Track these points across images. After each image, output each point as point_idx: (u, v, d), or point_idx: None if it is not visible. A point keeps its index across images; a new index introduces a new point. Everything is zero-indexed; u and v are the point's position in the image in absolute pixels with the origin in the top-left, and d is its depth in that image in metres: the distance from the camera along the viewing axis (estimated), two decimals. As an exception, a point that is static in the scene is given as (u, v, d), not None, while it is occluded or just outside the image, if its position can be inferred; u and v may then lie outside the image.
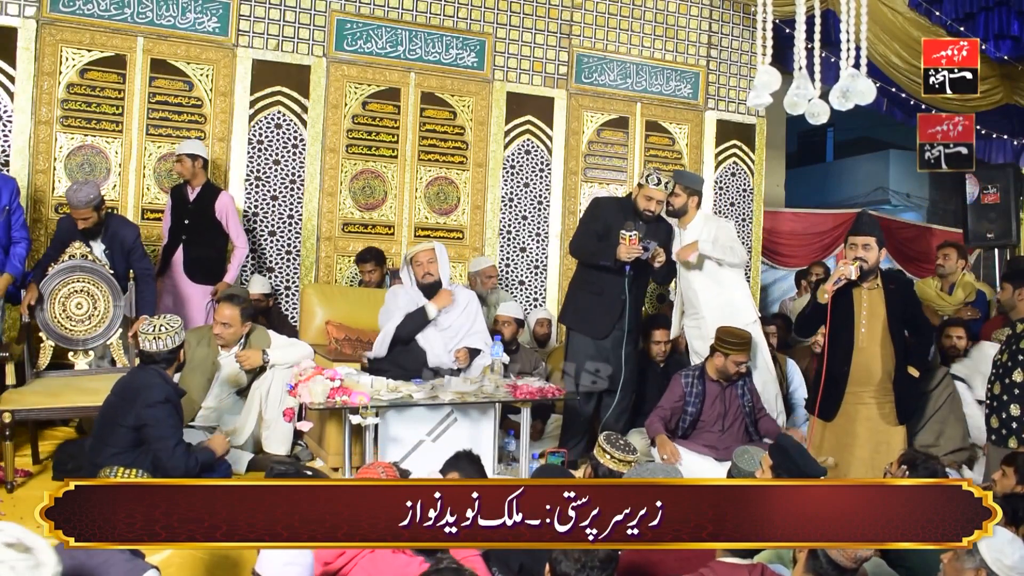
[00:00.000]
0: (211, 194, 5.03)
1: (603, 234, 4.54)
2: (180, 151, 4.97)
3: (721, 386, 4.33)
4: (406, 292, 4.40)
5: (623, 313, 4.50)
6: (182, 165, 4.94)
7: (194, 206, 4.99)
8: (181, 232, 4.99)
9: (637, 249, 4.35)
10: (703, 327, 4.70)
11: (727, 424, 4.30)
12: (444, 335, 4.32)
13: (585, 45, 6.49)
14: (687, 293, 4.85)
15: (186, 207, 5.00)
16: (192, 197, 5.00)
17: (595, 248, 4.54)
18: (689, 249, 4.64)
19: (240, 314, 4.27)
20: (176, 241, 4.99)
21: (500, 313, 5.18)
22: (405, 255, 4.55)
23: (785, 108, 3.33)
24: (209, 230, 4.99)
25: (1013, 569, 2.21)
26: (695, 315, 4.80)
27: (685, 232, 4.80)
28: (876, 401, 3.87)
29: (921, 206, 13.00)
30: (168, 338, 3.39)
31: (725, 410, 4.32)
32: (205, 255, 5.01)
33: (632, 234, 4.34)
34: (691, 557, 2.51)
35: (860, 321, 3.89)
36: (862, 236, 3.88)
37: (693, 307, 4.81)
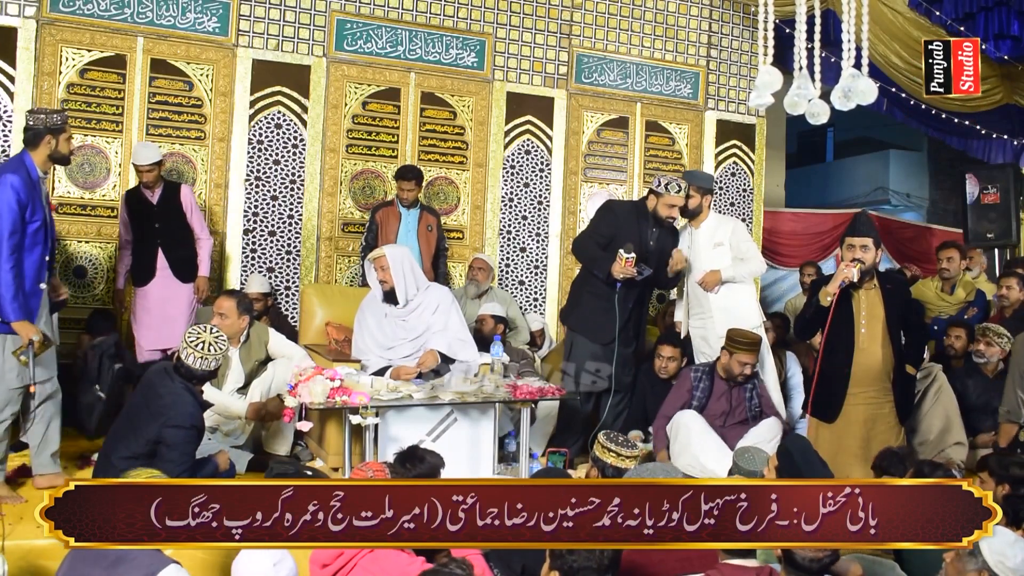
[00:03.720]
0: (173, 191, 4.87)
1: (610, 240, 4.54)
2: (147, 162, 4.71)
3: (728, 385, 4.33)
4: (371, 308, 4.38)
5: (627, 318, 4.53)
6: (151, 174, 4.74)
7: (160, 207, 4.81)
8: (154, 236, 4.79)
9: (630, 271, 4.37)
10: (709, 327, 4.69)
11: (729, 422, 4.31)
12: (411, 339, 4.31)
13: (585, 45, 6.49)
14: (695, 293, 4.82)
15: (151, 211, 4.80)
16: (155, 199, 4.81)
17: (595, 255, 4.55)
18: (713, 280, 4.65)
19: (236, 306, 4.26)
20: (151, 246, 4.80)
21: (480, 312, 5.20)
22: (368, 257, 4.51)
23: (785, 108, 3.33)
24: (181, 227, 4.85)
25: (1015, 571, 2.20)
26: (702, 315, 4.78)
27: (698, 231, 4.79)
28: (877, 401, 3.88)
29: (921, 206, 13.01)
30: (214, 359, 3.36)
31: (730, 408, 4.32)
32: (185, 254, 4.87)
33: (630, 256, 4.36)
34: (691, 557, 2.51)
35: (860, 322, 3.89)
36: (860, 238, 3.88)
37: (701, 307, 4.79)
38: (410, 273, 4.35)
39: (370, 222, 5.44)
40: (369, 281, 4.45)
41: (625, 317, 4.55)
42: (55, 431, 3.62)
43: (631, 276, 4.39)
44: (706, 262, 4.72)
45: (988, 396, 4.76)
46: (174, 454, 3.25)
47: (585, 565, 2.00)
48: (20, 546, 3.04)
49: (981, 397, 4.79)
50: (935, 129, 7.82)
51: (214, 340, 3.37)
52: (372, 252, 4.48)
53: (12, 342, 3.33)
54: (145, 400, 3.35)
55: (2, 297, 3.27)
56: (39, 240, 3.43)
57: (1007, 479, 3.06)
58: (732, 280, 4.65)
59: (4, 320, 3.30)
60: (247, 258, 5.59)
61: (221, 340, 3.40)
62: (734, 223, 4.86)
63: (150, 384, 3.40)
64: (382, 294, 4.35)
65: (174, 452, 3.25)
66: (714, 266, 4.67)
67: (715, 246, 4.73)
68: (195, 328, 3.42)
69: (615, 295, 4.47)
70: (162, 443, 3.25)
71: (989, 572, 2.22)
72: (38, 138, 3.45)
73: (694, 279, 4.77)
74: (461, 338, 4.37)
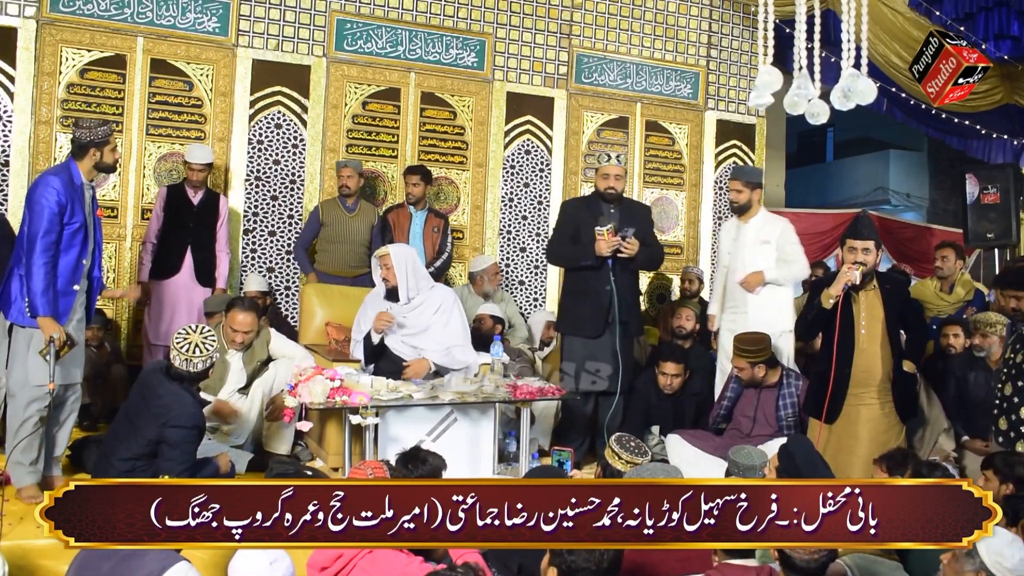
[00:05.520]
0: (214, 198, 5.13)
1: (575, 235, 4.53)
2: (201, 161, 5.00)
3: (756, 390, 4.30)
4: (373, 303, 4.41)
5: (611, 306, 4.47)
6: (198, 174, 5.00)
7: (199, 210, 5.05)
8: (187, 235, 5.03)
9: (615, 241, 4.35)
10: (740, 323, 4.59)
11: (756, 431, 4.24)
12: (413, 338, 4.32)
13: (585, 45, 6.48)
14: (734, 290, 4.73)
15: (190, 211, 5.04)
16: (196, 201, 5.05)
17: (572, 252, 4.55)
18: (755, 280, 4.58)
19: (256, 317, 4.32)
20: (181, 244, 5.01)
21: (480, 312, 5.20)
22: (374, 255, 4.56)
23: (785, 108, 3.33)
24: (210, 234, 5.10)
25: (1013, 571, 2.18)
26: (735, 309, 4.70)
27: (746, 226, 4.73)
28: (878, 401, 3.87)
29: (921, 206, 13.02)
30: (200, 361, 3.36)
31: (755, 414, 4.28)
32: (208, 259, 5.10)
33: (607, 227, 4.33)
34: (691, 557, 2.51)
35: (860, 323, 3.89)
36: (862, 240, 3.87)
37: (735, 301, 4.71)
38: (413, 273, 4.38)
39: (383, 224, 5.44)
40: (374, 278, 4.50)
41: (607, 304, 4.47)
42: (64, 435, 3.63)
43: (617, 246, 4.35)
44: (750, 259, 4.64)
45: (988, 388, 4.73)
46: (175, 453, 3.24)
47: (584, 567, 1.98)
48: (20, 546, 3.03)
49: (983, 389, 4.74)
50: (935, 129, 7.82)
51: (202, 341, 3.36)
52: (378, 250, 4.52)
53: (39, 341, 3.36)
54: (144, 401, 3.34)
55: (32, 291, 3.31)
56: (76, 243, 3.48)
57: (1012, 478, 3.05)
58: (775, 282, 4.57)
59: (32, 313, 3.33)
60: (247, 258, 5.59)
61: (210, 341, 3.39)
62: (783, 223, 4.76)
63: (148, 385, 3.39)
64: (385, 291, 4.38)
65: (175, 452, 3.24)
66: (758, 265, 4.60)
67: (761, 243, 4.65)
68: (183, 330, 3.43)
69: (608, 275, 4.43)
70: (163, 443, 3.25)
71: (987, 572, 2.20)
72: (83, 151, 3.53)
73: (736, 277, 4.69)
74: (459, 342, 4.38)
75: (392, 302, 4.36)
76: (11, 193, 5.02)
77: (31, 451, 3.41)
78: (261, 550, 2.25)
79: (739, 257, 4.70)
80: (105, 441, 3.44)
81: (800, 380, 4.33)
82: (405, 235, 5.42)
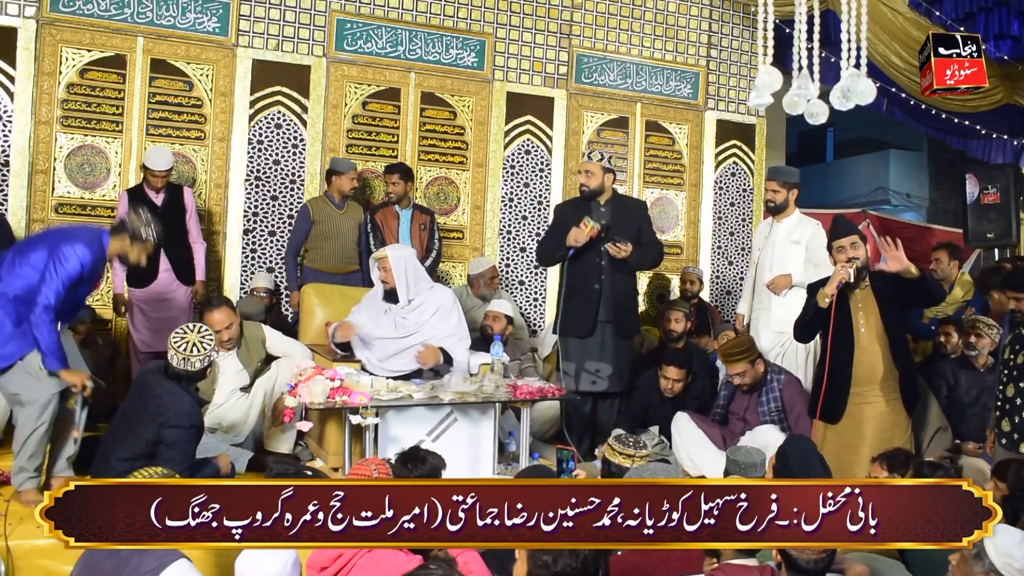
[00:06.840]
0: (177, 193, 4.97)
1: (564, 232, 4.55)
2: (162, 168, 4.81)
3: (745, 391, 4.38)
4: (370, 304, 4.42)
5: (599, 302, 4.49)
6: (161, 180, 4.84)
7: (164, 209, 4.83)
8: None
9: (585, 229, 4.38)
10: (762, 320, 4.73)
11: (746, 429, 4.32)
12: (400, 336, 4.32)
13: (585, 45, 6.49)
14: (760, 288, 4.82)
15: (156, 212, 4.66)
16: (159, 201, 4.86)
17: (550, 246, 4.63)
18: (783, 283, 4.63)
19: (232, 311, 4.29)
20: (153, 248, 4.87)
21: (490, 309, 5.18)
22: (372, 257, 4.57)
23: (785, 108, 3.33)
24: (181, 230, 4.96)
25: (1022, 572, 2.18)
26: (760, 305, 4.80)
27: (779, 225, 4.78)
28: (883, 398, 3.86)
29: (921, 206, 13.02)
30: (198, 360, 3.34)
31: (744, 414, 4.37)
32: (185, 256, 4.98)
33: (593, 225, 4.38)
34: (691, 557, 2.51)
35: (858, 321, 3.89)
36: (845, 238, 3.89)
37: (761, 297, 4.80)
38: (411, 274, 4.38)
39: (372, 224, 5.41)
40: (373, 278, 4.50)
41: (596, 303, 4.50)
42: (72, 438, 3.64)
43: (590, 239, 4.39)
44: (778, 258, 4.69)
45: (978, 390, 4.76)
46: (174, 453, 3.24)
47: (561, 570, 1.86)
48: (20, 546, 3.04)
49: (970, 392, 4.79)
50: (935, 129, 7.81)
51: (199, 340, 3.35)
52: (376, 252, 4.52)
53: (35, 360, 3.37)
54: (142, 401, 3.33)
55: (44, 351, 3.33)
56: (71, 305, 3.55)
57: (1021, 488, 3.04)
58: (801, 285, 4.53)
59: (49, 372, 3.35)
60: (247, 258, 5.59)
61: (207, 339, 3.38)
62: (816, 227, 4.76)
63: (146, 385, 3.38)
64: (383, 292, 4.38)
65: (174, 452, 3.24)
66: (786, 264, 4.64)
67: (791, 244, 4.69)
68: (181, 329, 3.41)
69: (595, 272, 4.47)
70: (162, 443, 3.25)
71: (996, 574, 2.19)
72: (119, 233, 3.57)
73: (763, 276, 4.75)
74: (459, 336, 4.40)
75: (391, 303, 4.36)
76: (11, 193, 5.02)
77: (37, 458, 3.42)
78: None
79: (768, 255, 4.75)
80: (104, 441, 3.43)
81: (783, 375, 4.39)
82: (394, 235, 5.39)
